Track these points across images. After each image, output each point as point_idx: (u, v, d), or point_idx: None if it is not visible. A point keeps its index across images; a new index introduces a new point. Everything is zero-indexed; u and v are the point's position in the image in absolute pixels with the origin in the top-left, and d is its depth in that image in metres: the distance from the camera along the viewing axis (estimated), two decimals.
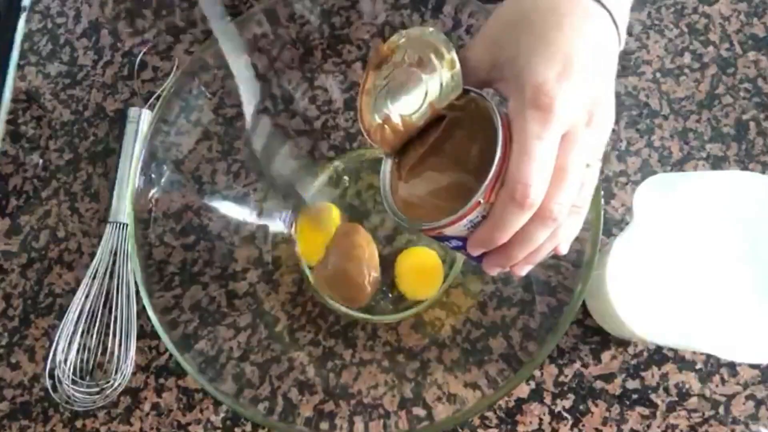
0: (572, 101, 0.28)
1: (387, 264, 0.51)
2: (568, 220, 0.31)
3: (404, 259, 0.51)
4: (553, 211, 0.29)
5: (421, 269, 0.51)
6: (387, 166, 0.34)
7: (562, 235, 0.32)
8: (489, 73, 0.32)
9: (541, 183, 0.28)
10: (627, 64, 0.55)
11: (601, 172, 0.51)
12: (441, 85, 0.31)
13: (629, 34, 0.55)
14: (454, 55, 0.31)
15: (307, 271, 0.53)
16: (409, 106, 0.32)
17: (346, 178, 0.54)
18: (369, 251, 0.49)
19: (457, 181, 0.31)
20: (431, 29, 0.32)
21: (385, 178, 0.34)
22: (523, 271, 0.34)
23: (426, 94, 0.31)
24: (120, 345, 0.51)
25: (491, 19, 0.32)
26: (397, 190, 0.34)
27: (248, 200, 0.52)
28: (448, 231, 0.31)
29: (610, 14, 0.31)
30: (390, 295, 0.52)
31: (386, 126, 0.32)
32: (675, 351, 0.48)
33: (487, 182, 0.29)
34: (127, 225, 0.53)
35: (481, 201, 0.29)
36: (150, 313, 0.41)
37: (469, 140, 0.31)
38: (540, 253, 0.32)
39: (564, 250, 0.33)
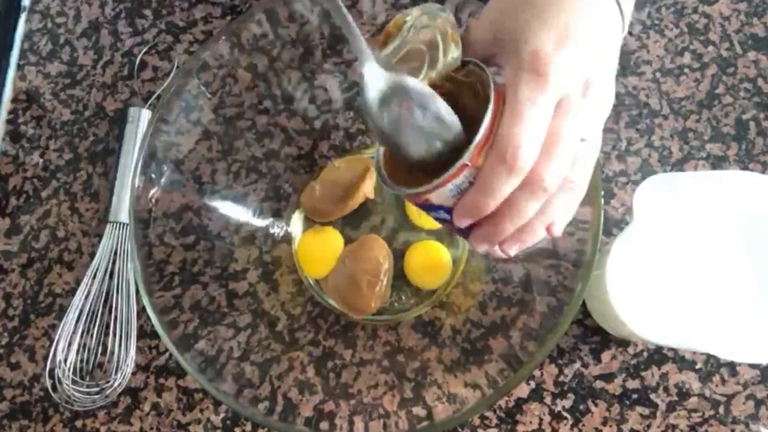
0: (568, 69, 0.28)
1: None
2: (561, 197, 0.30)
3: (414, 250, 0.52)
4: (544, 179, 0.28)
5: (429, 259, 0.51)
6: (381, 148, 0.35)
7: (553, 212, 0.31)
8: (490, 47, 0.32)
9: (532, 146, 0.28)
10: (627, 64, 0.55)
11: (602, 171, 0.51)
12: (440, 59, 0.31)
13: (629, 33, 0.55)
14: (455, 28, 0.31)
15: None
16: None
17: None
18: (385, 268, 0.50)
19: (448, 149, 0.31)
20: (435, 6, 0.32)
21: (379, 154, 0.35)
22: (513, 249, 0.32)
23: (425, 69, 0.31)
24: (120, 345, 0.51)
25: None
26: (392, 164, 0.34)
27: (248, 200, 0.52)
28: (435, 197, 0.31)
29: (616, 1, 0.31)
30: (401, 297, 0.52)
31: None
32: (675, 351, 0.48)
33: (474, 143, 0.28)
34: (127, 225, 0.53)
35: (468, 163, 0.29)
36: (150, 313, 0.41)
37: (464, 110, 0.31)
38: (531, 232, 0.31)
39: (557, 231, 0.32)
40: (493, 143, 0.28)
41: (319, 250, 0.53)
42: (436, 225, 0.52)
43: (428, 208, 0.32)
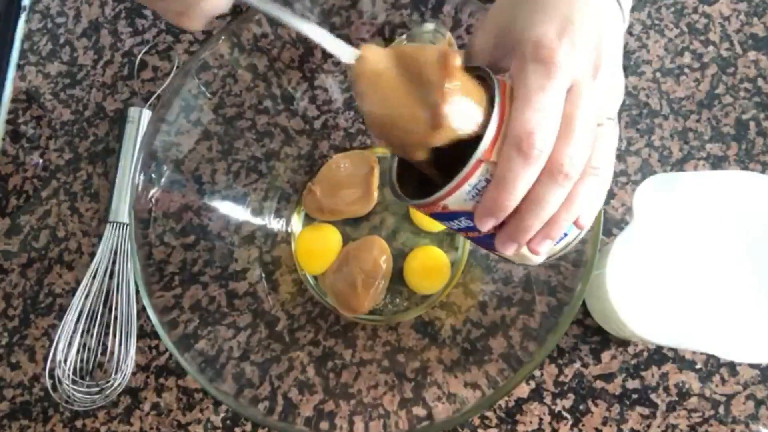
0: (574, 54, 0.28)
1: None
2: (585, 184, 0.29)
3: (413, 256, 0.52)
4: (563, 164, 0.27)
5: (429, 265, 0.51)
6: (394, 160, 0.35)
7: (579, 201, 0.29)
8: (493, 53, 0.32)
9: (546, 132, 0.27)
10: (627, 64, 0.55)
11: None
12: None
13: (629, 33, 0.55)
14: (449, 35, 0.31)
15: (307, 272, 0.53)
16: None
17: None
18: (383, 270, 0.50)
19: (468, 154, 0.30)
20: (426, 24, 0.32)
21: (393, 170, 0.34)
22: (542, 247, 0.30)
23: None
24: (120, 345, 0.51)
25: (494, 4, 0.33)
26: (403, 177, 0.34)
27: (248, 200, 0.52)
28: (452, 203, 0.30)
29: None
30: (396, 299, 0.52)
31: None
32: (675, 351, 0.48)
33: (485, 138, 0.28)
34: (127, 225, 0.53)
35: (482, 159, 0.28)
36: (150, 313, 0.41)
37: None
38: (558, 224, 0.30)
39: (586, 222, 0.31)
40: (505, 136, 0.28)
41: (317, 246, 0.53)
42: (438, 227, 0.52)
43: (448, 217, 0.31)
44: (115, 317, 0.52)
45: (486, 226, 0.30)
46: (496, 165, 0.28)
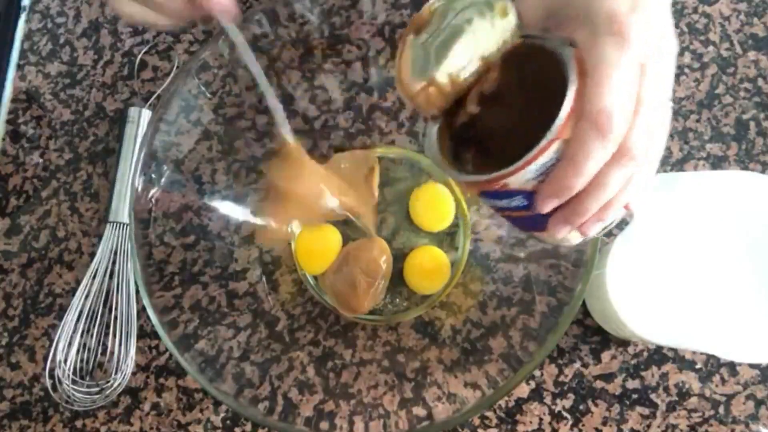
0: (646, 31, 0.27)
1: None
2: (642, 168, 0.28)
3: (413, 256, 0.52)
4: (631, 147, 0.27)
5: (429, 265, 0.51)
6: (433, 129, 0.33)
7: (635, 184, 0.29)
8: (544, 22, 0.30)
9: (624, 111, 0.26)
10: None
11: None
12: (493, 37, 0.29)
13: None
14: (506, 2, 0.29)
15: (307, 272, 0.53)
16: (456, 65, 0.30)
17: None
18: (383, 271, 0.50)
19: (521, 128, 0.28)
20: None
21: (431, 141, 0.32)
22: (593, 230, 0.30)
23: (475, 49, 0.29)
24: (120, 345, 0.51)
25: None
26: (449, 150, 0.32)
27: (248, 200, 0.52)
28: (514, 182, 0.28)
29: None
30: (396, 299, 0.52)
31: (431, 88, 0.30)
32: (675, 351, 0.48)
33: (561, 115, 0.26)
34: (127, 225, 0.53)
35: (557, 137, 0.26)
36: (150, 313, 0.41)
37: (532, 86, 0.30)
38: (613, 208, 0.29)
39: (634, 206, 0.30)
40: (581, 111, 0.26)
41: (317, 246, 0.53)
42: (438, 226, 0.52)
43: (501, 196, 0.29)
44: (115, 317, 0.52)
45: (548, 207, 0.29)
46: (569, 142, 0.27)
